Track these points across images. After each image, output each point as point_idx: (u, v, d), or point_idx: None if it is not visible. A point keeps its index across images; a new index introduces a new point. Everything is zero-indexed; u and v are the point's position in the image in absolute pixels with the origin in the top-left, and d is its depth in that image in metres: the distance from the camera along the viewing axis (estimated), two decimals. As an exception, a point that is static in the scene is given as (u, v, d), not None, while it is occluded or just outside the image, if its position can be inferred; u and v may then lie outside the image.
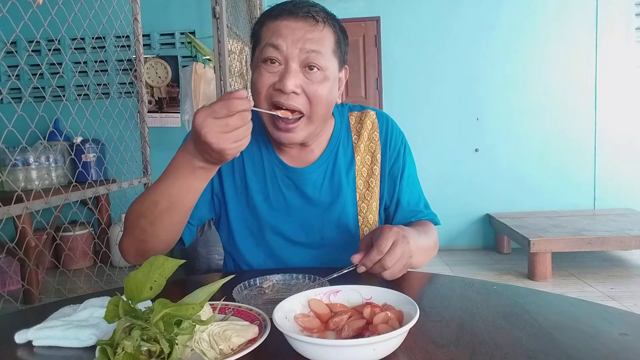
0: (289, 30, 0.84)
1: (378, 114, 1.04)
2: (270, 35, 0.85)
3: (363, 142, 1.01)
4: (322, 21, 0.85)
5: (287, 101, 0.84)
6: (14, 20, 1.60)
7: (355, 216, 1.01)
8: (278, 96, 0.85)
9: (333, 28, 0.88)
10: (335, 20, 0.90)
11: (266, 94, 0.86)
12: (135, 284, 0.51)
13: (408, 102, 4.04)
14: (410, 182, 1.05)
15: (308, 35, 0.84)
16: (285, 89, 0.83)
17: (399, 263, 0.78)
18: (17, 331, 0.63)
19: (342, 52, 0.91)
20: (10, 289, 3.25)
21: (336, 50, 0.88)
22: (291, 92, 0.83)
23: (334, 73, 0.89)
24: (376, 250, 0.76)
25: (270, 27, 0.86)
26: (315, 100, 0.86)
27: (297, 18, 0.84)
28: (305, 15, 0.84)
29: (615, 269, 3.39)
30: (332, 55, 0.88)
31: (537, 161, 4.00)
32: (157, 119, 3.32)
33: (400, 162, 1.03)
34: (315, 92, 0.85)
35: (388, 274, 0.78)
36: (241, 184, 0.99)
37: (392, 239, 0.77)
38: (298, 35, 0.83)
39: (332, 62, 0.88)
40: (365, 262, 0.77)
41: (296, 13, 0.84)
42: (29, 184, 2.81)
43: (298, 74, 0.84)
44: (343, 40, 0.91)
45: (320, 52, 0.84)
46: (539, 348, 0.56)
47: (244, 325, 0.58)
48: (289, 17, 0.84)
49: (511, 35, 3.94)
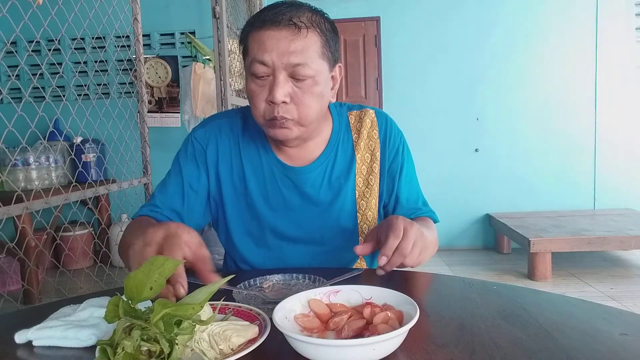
0: (273, 42, 0.83)
1: (377, 113, 1.05)
2: (257, 50, 0.85)
3: (363, 140, 1.01)
4: (305, 27, 0.84)
5: (279, 113, 0.86)
6: (14, 20, 1.60)
7: (355, 214, 1.01)
8: (270, 111, 0.87)
9: (318, 30, 0.86)
10: (322, 18, 0.88)
11: (262, 111, 0.88)
12: (136, 284, 0.51)
13: (408, 102, 4.04)
14: (409, 179, 1.05)
15: (292, 46, 0.83)
16: (275, 100, 0.84)
17: (416, 247, 0.77)
18: (17, 331, 0.63)
19: (331, 51, 0.90)
20: (10, 289, 3.25)
21: (324, 52, 0.87)
22: (281, 102, 0.85)
23: (324, 75, 0.89)
24: (392, 236, 0.75)
25: (256, 39, 0.85)
26: (303, 108, 0.87)
27: (280, 27, 0.83)
28: (288, 23, 0.83)
29: (615, 269, 3.39)
30: (320, 59, 0.87)
31: (537, 161, 4.00)
32: (157, 119, 3.32)
33: (399, 159, 1.03)
34: (302, 101, 0.86)
35: (410, 260, 0.77)
36: (240, 184, 1.00)
37: (402, 225, 0.77)
38: (282, 48, 0.83)
39: (320, 66, 0.87)
40: (385, 252, 0.75)
41: (279, 22, 0.83)
42: (29, 184, 2.81)
43: (286, 83, 0.85)
44: (332, 38, 0.90)
45: (305, 63, 0.84)
46: (539, 348, 0.56)
47: (244, 325, 0.58)
48: (272, 27, 0.84)
49: (511, 35, 3.94)
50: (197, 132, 1.01)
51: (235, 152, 1.00)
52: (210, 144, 0.99)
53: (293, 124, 0.88)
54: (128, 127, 2.69)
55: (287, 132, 0.89)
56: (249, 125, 1.01)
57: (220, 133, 1.00)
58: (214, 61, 2.44)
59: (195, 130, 1.02)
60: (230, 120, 1.02)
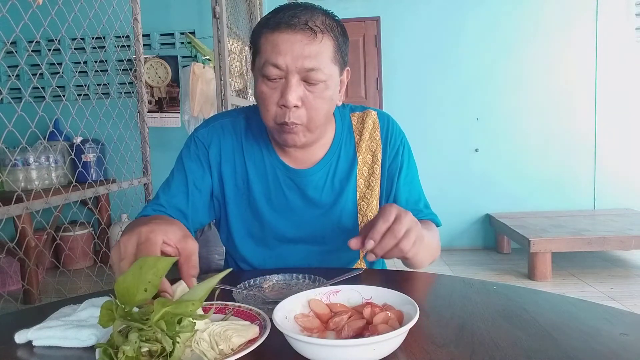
0: (287, 45, 0.83)
1: (379, 114, 1.05)
2: (270, 52, 0.84)
3: (365, 142, 1.01)
4: (320, 31, 0.84)
5: (290, 119, 0.86)
6: (14, 20, 1.60)
7: (355, 215, 1.01)
8: (282, 115, 0.86)
9: (332, 35, 0.86)
10: (335, 23, 0.88)
11: (273, 113, 0.87)
12: (126, 287, 0.51)
13: (408, 102, 4.03)
14: (409, 180, 1.04)
15: (306, 50, 0.82)
16: (288, 104, 0.84)
17: (411, 233, 0.71)
18: (17, 331, 0.63)
19: (342, 56, 0.90)
20: (10, 289, 3.25)
21: (336, 57, 0.88)
22: (293, 106, 0.84)
23: (335, 79, 0.89)
24: (380, 220, 0.70)
25: (270, 40, 0.84)
26: (314, 112, 0.87)
27: (295, 31, 0.83)
28: (303, 27, 0.83)
29: (615, 269, 3.39)
30: (332, 64, 0.87)
31: (537, 161, 4.00)
32: (157, 119, 3.32)
33: (398, 159, 1.03)
34: (313, 105, 0.86)
35: (405, 244, 0.70)
36: (243, 185, 1.00)
37: (394, 211, 0.71)
38: (297, 52, 0.82)
39: (332, 70, 0.87)
40: (372, 236, 0.69)
41: (294, 25, 0.83)
42: (29, 184, 2.81)
43: (299, 87, 0.85)
44: (343, 42, 0.90)
45: (319, 68, 0.84)
46: (539, 348, 0.56)
47: (245, 325, 0.58)
48: (287, 30, 0.83)
49: (511, 35, 3.94)
50: (199, 131, 1.01)
51: (238, 152, 1.00)
52: (212, 143, 0.99)
53: (302, 129, 0.88)
54: (128, 127, 2.69)
55: (296, 138, 0.89)
56: (252, 126, 1.01)
57: (223, 133, 1.00)
58: (214, 61, 2.44)
59: (198, 129, 1.02)
60: (234, 121, 1.01)
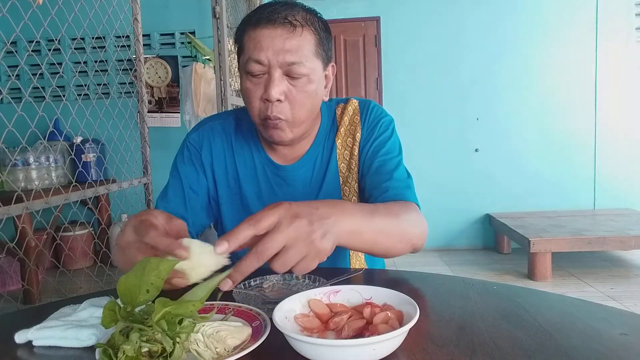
0: (268, 40, 0.84)
1: (360, 101, 1.04)
2: (253, 48, 0.85)
3: (344, 126, 1.02)
4: (300, 25, 0.85)
5: (273, 112, 0.87)
6: (14, 20, 1.60)
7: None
8: (265, 109, 0.87)
9: (313, 29, 0.87)
10: (316, 18, 0.90)
11: (257, 109, 0.88)
12: (128, 287, 0.51)
13: (408, 102, 4.04)
14: (384, 153, 0.98)
15: (287, 44, 0.84)
16: (270, 97, 0.85)
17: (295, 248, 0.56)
18: (17, 331, 0.63)
19: (325, 50, 0.91)
20: (10, 289, 3.25)
21: (318, 50, 0.88)
22: (276, 100, 0.85)
23: (318, 73, 0.90)
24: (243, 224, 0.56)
25: (251, 37, 0.86)
26: (298, 106, 0.88)
27: (275, 25, 0.84)
28: (283, 21, 0.84)
29: (615, 269, 3.39)
30: (314, 57, 0.88)
31: (537, 161, 4.00)
32: (157, 119, 3.32)
33: (374, 132, 0.99)
34: (296, 99, 0.87)
35: (278, 265, 0.56)
36: (235, 185, 1.01)
37: (275, 216, 0.56)
38: (278, 46, 0.84)
39: (315, 64, 0.88)
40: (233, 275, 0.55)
41: (274, 20, 0.84)
42: (29, 184, 2.81)
43: (282, 81, 0.86)
44: (326, 37, 0.91)
45: (300, 62, 0.85)
46: (539, 348, 0.56)
47: (238, 327, 0.57)
48: (268, 25, 0.84)
49: (511, 35, 3.94)
50: (191, 135, 1.03)
51: (228, 153, 1.01)
52: (204, 146, 1.01)
53: (286, 125, 0.89)
54: (128, 127, 2.69)
55: (282, 134, 0.90)
56: (242, 126, 1.02)
57: (213, 135, 1.01)
58: (214, 61, 2.44)
59: (189, 134, 1.04)
60: (223, 122, 1.03)
